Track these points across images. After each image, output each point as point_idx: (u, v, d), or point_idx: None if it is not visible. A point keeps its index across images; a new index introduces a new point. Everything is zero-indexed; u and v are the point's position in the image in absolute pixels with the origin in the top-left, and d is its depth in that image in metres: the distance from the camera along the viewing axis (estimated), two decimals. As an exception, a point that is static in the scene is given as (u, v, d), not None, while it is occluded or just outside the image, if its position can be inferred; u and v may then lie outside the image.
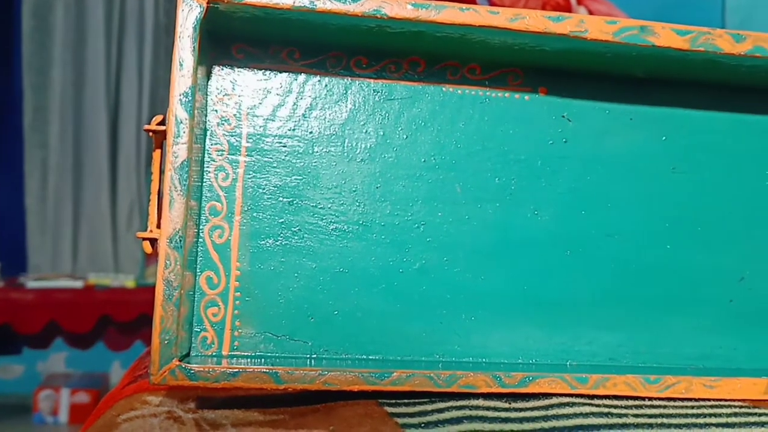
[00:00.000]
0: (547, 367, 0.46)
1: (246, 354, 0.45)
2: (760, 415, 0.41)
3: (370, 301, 0.47)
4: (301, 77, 0.47)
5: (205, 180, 0.46)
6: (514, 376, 0.43)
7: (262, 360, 0.45)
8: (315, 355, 0.46)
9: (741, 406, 0.44)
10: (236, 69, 0.47)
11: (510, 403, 0.42)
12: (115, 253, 2.64)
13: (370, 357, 0.47)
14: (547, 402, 0.42)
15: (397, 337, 0.47)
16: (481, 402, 0.42)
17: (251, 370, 0.41)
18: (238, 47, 0.47)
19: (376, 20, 0.43)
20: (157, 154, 0.45)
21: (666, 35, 0.45)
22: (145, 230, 0.45)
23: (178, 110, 0.41)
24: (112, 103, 2.64)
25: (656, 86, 0.50)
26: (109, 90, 2.63)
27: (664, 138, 0.50)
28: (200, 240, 0.46)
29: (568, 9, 1.45)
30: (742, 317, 0.50)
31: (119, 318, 2.28)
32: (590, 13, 1.48)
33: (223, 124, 0.46)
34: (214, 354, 0.45)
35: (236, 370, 0.41)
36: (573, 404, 0.42)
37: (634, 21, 0.45)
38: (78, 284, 2.32)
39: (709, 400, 0.45)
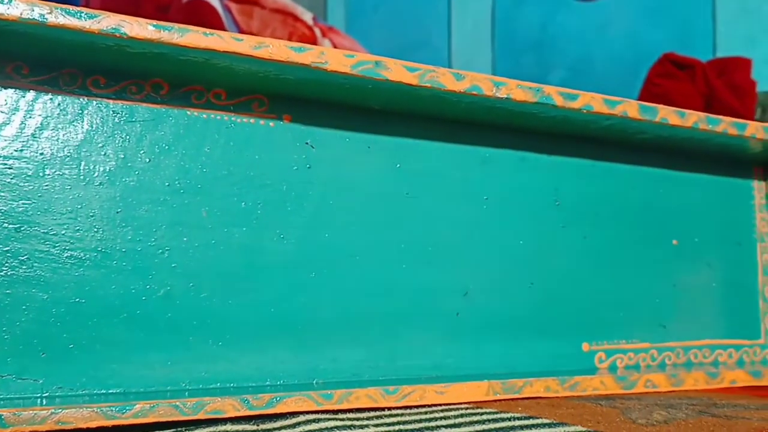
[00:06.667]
0: (294, 387, 0.48)
1: (-37, 398, 0.41)
2: (482, 414, 0.46)
3: (110, 332, 0.45)
4: (30, 94, 0.44)
5: None
6: (262, 397, 0.44)
7: (-17, 403, 0.40)
8: (47, 394, 0.43)
9: (467, 408, 0.48)
10: (-49, 82, 0.42)
11: (258, 425, 0.42)
12: None
13: (111, 391, 0.44)
14: (294, 420, 0.44)
15: (141, 367, 0.45)
16: (229, 427, 0.42)
17: (-31, 415, 0.37)
18: (-47, 58, 0.42)
19: (114, 39, 0.41)
20: None
21: (397, 70, 0.49)
22: None
23: None
24: None
25: (391, 117, 0.54)
26: None
27: (398, 165, 0.54)
28: None
29: (313, 40, 1.50)
30: (468, 328, 0.56)
31: None
32: (334, 46, 1.55)
33: (-66, 142, 0.42)
34: None
35: (-50, 417, 0.37)
36: (319, 420, 0.43)
37: (371, 56, 0.48)
38: None
39: (440, 405, 0.49)
